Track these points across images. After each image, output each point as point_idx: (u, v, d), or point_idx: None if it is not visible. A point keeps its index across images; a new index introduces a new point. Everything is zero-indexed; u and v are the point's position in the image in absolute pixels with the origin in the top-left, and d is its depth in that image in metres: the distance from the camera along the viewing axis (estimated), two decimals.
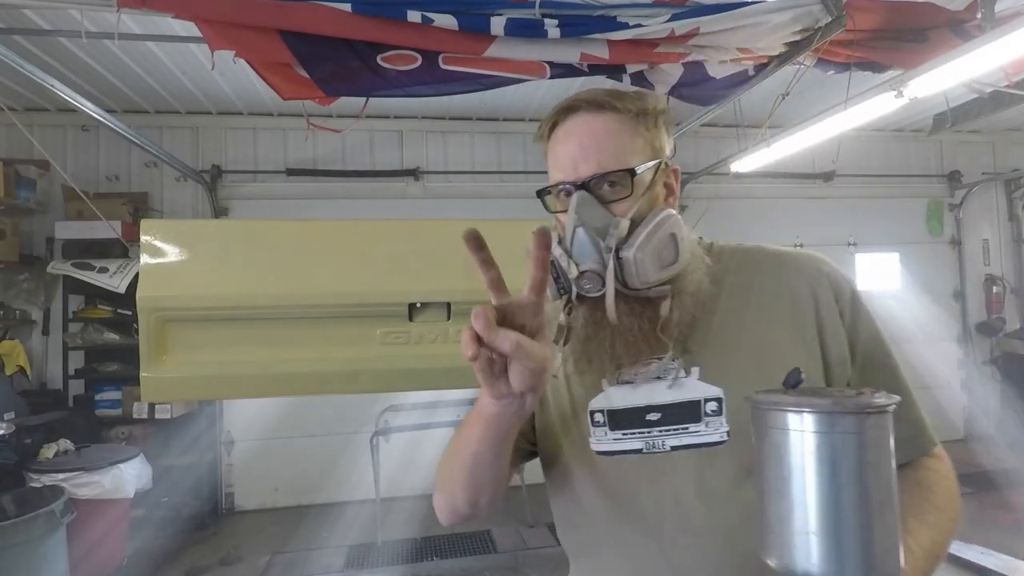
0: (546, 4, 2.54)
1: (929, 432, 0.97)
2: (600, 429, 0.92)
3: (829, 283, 0.92)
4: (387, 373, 2.06)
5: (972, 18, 2.80)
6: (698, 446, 0.87)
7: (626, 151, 0.87)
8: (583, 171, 0.87)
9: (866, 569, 0.57)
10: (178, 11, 2.35)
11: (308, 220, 2.41)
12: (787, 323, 0.90)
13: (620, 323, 0.85)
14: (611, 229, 0.84)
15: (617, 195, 0.87)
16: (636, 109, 0.90)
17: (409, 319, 2.02)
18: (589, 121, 0.89)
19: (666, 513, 0.87)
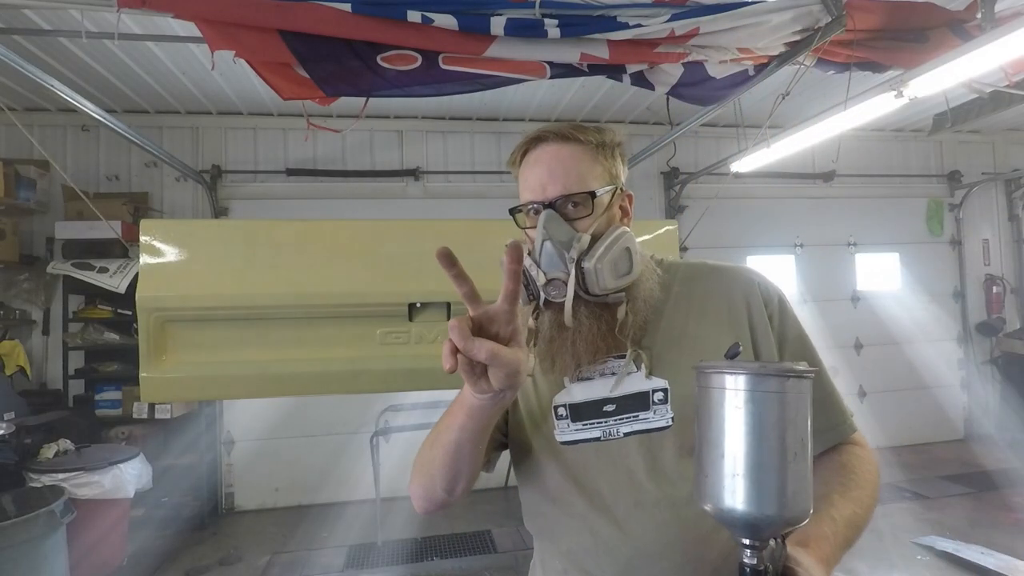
0: (546, 4, 2.54)
1: (850, 420, 1.10)
2: (563, 422, 1.05)
3: (760, 291, 1.07)
4: (387, 373, 2.06)
5: (972, 18, 2.80)
6: (647, 431, 1.00)
7: (587, 176, 1.02)
8: (551, 192, 1.00)
9: (780, 507, 0.68)
10: (178, 11, 2.35)
11: (308, 220, 2.41)
12: (724, 325, 1.04)
13: (581, 325, 0.98)
14: (574, 243, 0.97)
15: (580, 214, 1.00)
16: (596, 141, 1.05)
17: (409, 319, 2.02)
18: (556, 150, 1.03)
19: (621, 491, 0.99)
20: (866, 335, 6.54)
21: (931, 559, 3.95)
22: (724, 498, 0.70)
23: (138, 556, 4.05)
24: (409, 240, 2.13)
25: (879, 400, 6.48)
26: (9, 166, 4.54)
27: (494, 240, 2.23)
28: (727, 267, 1.14)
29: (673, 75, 2.91)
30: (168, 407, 4.58)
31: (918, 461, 5.98)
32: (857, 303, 6.63)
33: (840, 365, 6.38)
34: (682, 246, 5.80)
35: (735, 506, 0.69)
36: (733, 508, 0.69)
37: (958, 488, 5.26)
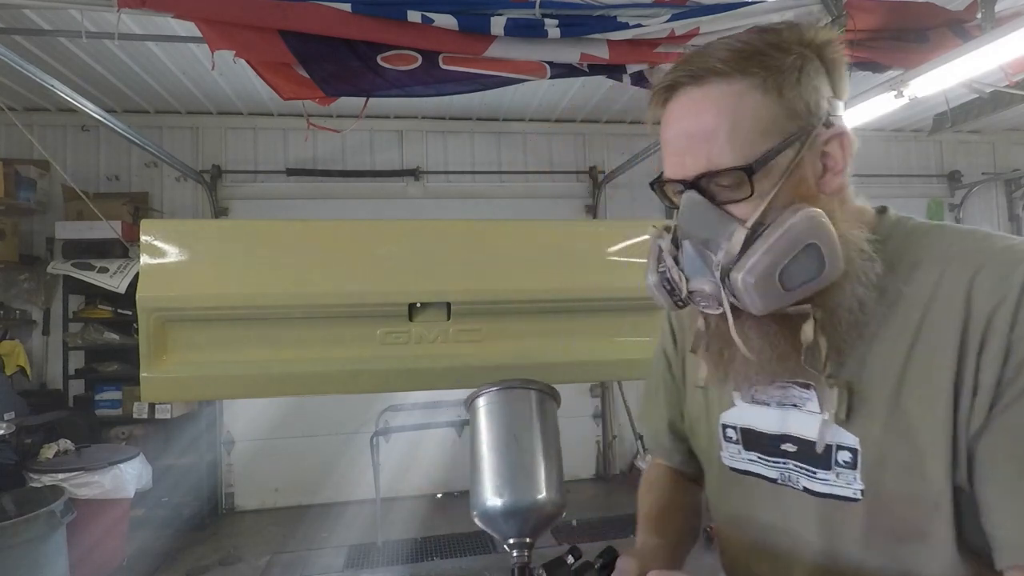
0: (546, 4, 2.54)
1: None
2: (733, 446, 0.86)
3: (1010, 316, 0.64)
4: (387, 373, 2.06)
5: (972, 18, 2.80)
6: (830, 497, 0.75)
7: (745, 137, 0.68)
8: (690, 167, 0.72)
9: (534, 494, 0.77)
10: (178, 11, 2.35)
11: (308, 220, 2.41)
12: (937, 371, 0.68)
13: (750, 345, 0.71)
14: (722, 241, 0.69)
15: (735, 195, 0.70)
16: (764, 68, 0.69)
17: (409, 319, 2.02)
18: (696, 101, 0.72)
19: (794, 558, 0.80)
20: None
21: None
22: (486, 499, 0.76)
23: (138, 556, 4.05)
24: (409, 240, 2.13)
25: None
26: (9, 166, 4.54)
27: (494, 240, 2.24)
28: (982, 248, 0.70)
29: None
30: (168, 407, 4.58)
31: None
32: None
33: None
34: None
35: (494, 502, 0.75)
36: (494, 504, 0.75)
37: None
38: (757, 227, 0.69)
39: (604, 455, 5.90)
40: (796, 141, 0.70)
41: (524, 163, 5.96)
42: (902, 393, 0.69)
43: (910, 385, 0.69)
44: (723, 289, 0.69)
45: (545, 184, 5.97)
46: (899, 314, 0.71)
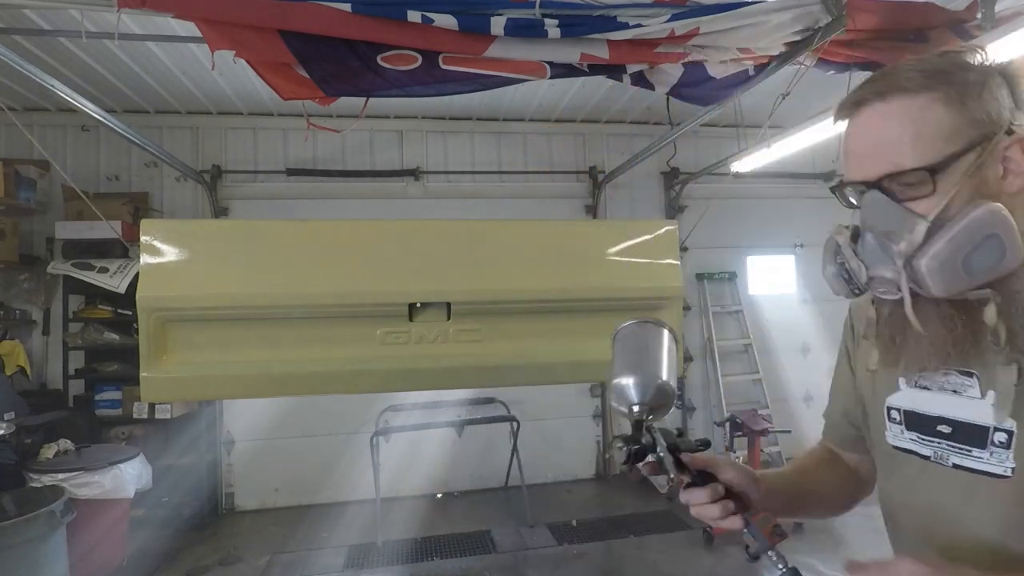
0: (546, 4, 2.54)
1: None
2: (897, 426, 0.94)
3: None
4: (387, 373, 2.06)
5: (972, 18, 2.80)
6: (980, 472, 0.81)
7: (928, 143, 0.75)
8: (872, 170, 0.79)
9: (641, 371, 0.98)
10: (178, 11, 2.35)
11: (308, 220, 2.41)
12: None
13: (928, 327, 0.78)
14: (904, 233, 0.76)
15: (916, 193, 0.77)
16: (946, 85, 0.77)
17: (409, 319, 2.02)
18: (882, 114, 0.79)
19: (934, 530, 0.87)
20: None
21: None
22: (623, 376, 0.98)
23: (138, 556, 4.05)
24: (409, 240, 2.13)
25: None
26: (9, 166, 4.54)
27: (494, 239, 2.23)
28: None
29: (673, 75, 2.91)
30: (168, 407, 4.58)
31: None
32: None
33: None
34: (682, 246, 5.80)
35: (628, 378, 0.97)
36: (627, 379, 0.97)
37: None
38: (939, 220, 0.76)
39: (604, 455, 5.91)
40: (978, 146, 0.76)
41: (524, 163, 5.96)
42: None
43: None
44: (903, 275, 0.77)
45: (545, 184, 5.97)
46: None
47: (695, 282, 6.16)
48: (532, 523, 4.71)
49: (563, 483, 5.72)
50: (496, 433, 5.23)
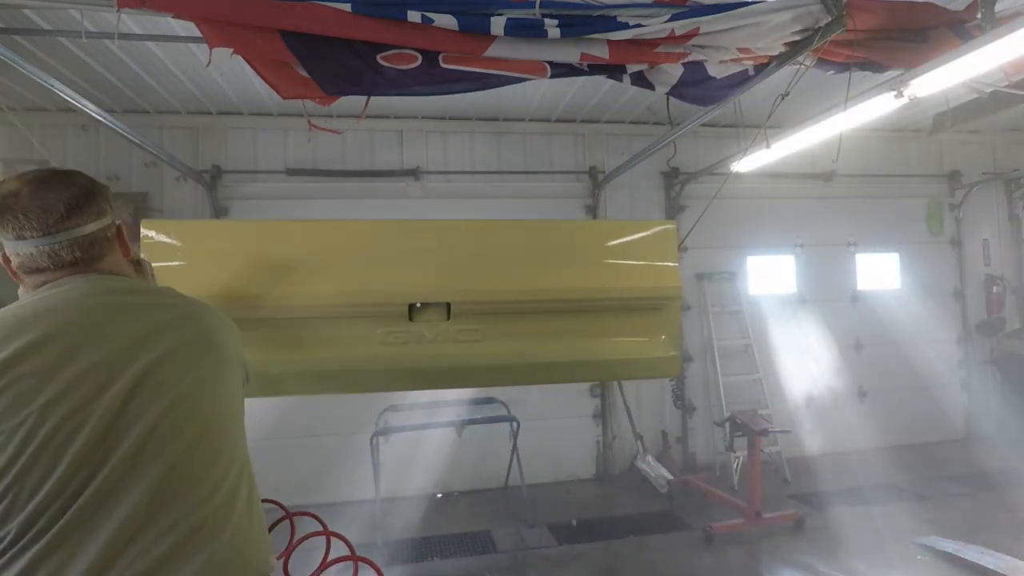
0: (546, 4, 2.54)
1: None
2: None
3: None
4: (387, 373, 2.06)
5: (972, 18, 2.80)
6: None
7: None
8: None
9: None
10: (178, 11, 2.35)
11: (308, 220, 2.41)
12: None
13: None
14: None
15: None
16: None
17: (409, 319, 2.02)
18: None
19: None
20: (866, 335, 6.54)
21: (931, 559, 3.95)
22: None
23: None
24: (409, 240, 2.13)
25: (879, 400, 6.48)
26: (9, 166, 4.54)
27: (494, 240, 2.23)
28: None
29: (673, 75, 2.90)
30: None
31: (918, 461, 5.98)
32: (857, 303, 6.62)
33: (840, 365, 6.39)
34: (682, 246, 5.80)
35: None
36: None
37: (958, 488, 5.26)
38: None
39: (604, 455, 5.90)
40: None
41: (524, 163, 5.96)
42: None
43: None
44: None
45: (545, 184, 5.97)
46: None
47: (695, 282, 6.16)
48: (532, 523, 4.71)
49: (563, 483, 5.72)
50: (496, 433, 5.23)
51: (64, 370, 1.08)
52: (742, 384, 6.06)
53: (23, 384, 1.06)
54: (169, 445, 1.11)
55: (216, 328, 1.31)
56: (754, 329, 6.22)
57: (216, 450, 1.18)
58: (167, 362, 1.16)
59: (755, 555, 4.08)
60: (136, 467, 1.07)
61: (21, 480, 1.03)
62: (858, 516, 4.68)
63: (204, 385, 1.21)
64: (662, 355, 2.15)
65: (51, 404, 1.05)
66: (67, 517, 1.03)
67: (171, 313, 1.27)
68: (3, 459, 1.02)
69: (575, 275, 2.12)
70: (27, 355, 1.08)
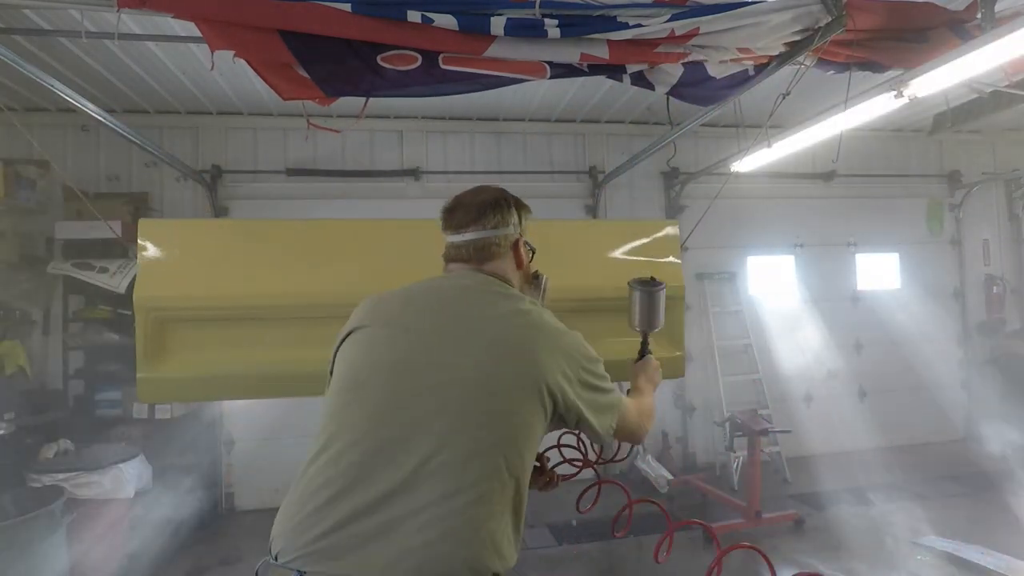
0: (546, 4, 2.54)
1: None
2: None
3: None
4: None
5: (972, 18, 2.80)
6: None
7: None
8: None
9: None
10: (178, 11, 2.35)
11: (308, 220, 2.41)
12: None
13: None
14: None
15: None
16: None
17: None
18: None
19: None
20: (866, 335, 6.54)
21: (931, 559, 3.95)
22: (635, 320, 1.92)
23: (138, 556, 4.05)
24: (409, 240, 2.13)
25: (879, 400, 6.48)
26: (9, 166, 4.54)
27: None
28: None
29: (673, 75, 2.90)
30: (168, 407, 4.58)
31: (918, 461, 5.98)
32: (857, 303, 6.62)
33: (840, 365, 6.38)
34: (682, 246, 5.79)
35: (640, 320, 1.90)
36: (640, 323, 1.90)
37: (958, 488, 5.26)
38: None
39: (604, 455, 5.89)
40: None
41: (524, 163, 5.96)
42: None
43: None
44: None
45: (545, 184, 5.97)
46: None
47: (695, 282, 6.16)
48: (532, 523, 4.71)
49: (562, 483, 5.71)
50: None
51: (405, 330, 1.35)
52: (742, 384, 6.06)
53: (378, 333, 1.37)
54: (451, 428, 1.20)
55: (533, 351, 1.31)
56: (754, 329, 6.22)
57: (483, 452, 1.19)
58: (462, 356, 1.28)
59: (755, 555, 4.07)
60: (421, 442, 1.19)
61: (359, 392, 1.30)
62: (858, 516, 4.68)
63: (482, 399, 1.24)
64: (666, 355, 2.15)
65: (384, 356, 1.33)
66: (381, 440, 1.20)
67: (495, 318, 1.35)
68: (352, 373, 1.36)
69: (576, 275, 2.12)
70: (379, 323, 1.40)
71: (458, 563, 1.09)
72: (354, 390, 1.32)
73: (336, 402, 1.35)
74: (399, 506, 1.12)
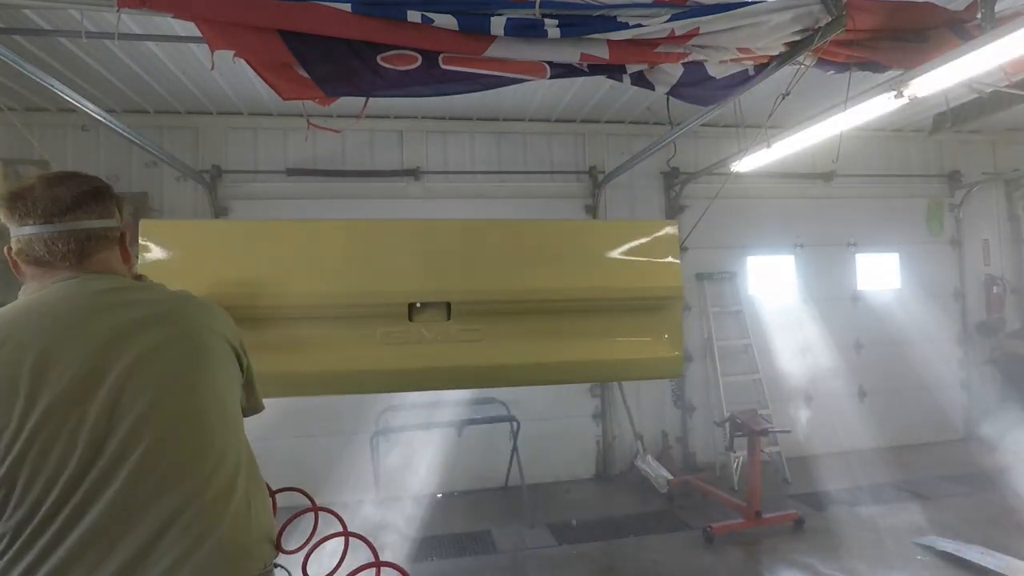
0: (546, 4, 2.54)
1: None
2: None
3: None
4: (387, 373, 2.06)
5: (972, 18, 2.80)
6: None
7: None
8: None
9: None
10: (178, 11, 2.35)
11: (308, 220, 2.41)
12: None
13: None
14: None
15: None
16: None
17: (409, 319, 2.02)
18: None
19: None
20: (866, 335, 6.54)
21: (931, 559, 3.95)
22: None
23: None
24: (409, 240, 2.13)
25: (879, 400, 6.48)
26: (9, 166, 4.54)
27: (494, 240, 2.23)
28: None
29: (673, 75, 2.90)
30: None
31: (918, 461, 5.98)
32: (857, 303, 6.62)
33: (840, 365, 6.38)
34: (682, 246, 5.79)
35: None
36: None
37: (958, 488, 5.26)
38: None
39: (604, 455, 5.90)
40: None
41: (524, 163, 5.96)
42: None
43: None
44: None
45: (545, 184, 5.97)
46: None
47: (695, 282, 6.16)
48: (532, 523, 4.71)
49: (563, 483, 5.72)
50: (496, 433, 5.23)
51: (45, 375, 1.09)
52: (742, 384, 6.06)
53: (3, 387, 1.08)
54: (153, 444, 1.12)
55: (200, 321, 1.31)
56: (754, 329, 6.22)
57: (204, 444, 1.19)
58: (145, 361, 1.17)
59: (755, 555, 4.08)
60: (120, 466, 1.09)
61: (11, 481, 1.05)
62: (858, 516, 4.68)
63: (183, 381, 1.21)
64: (665, 355, 2.15)
65: (29, 411, 1.07)
66: (60, 519, 1.05)
67: (151, 309, 1.27)
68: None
69: (576, 275, 2.12)
70: (6, 360, 1.09)
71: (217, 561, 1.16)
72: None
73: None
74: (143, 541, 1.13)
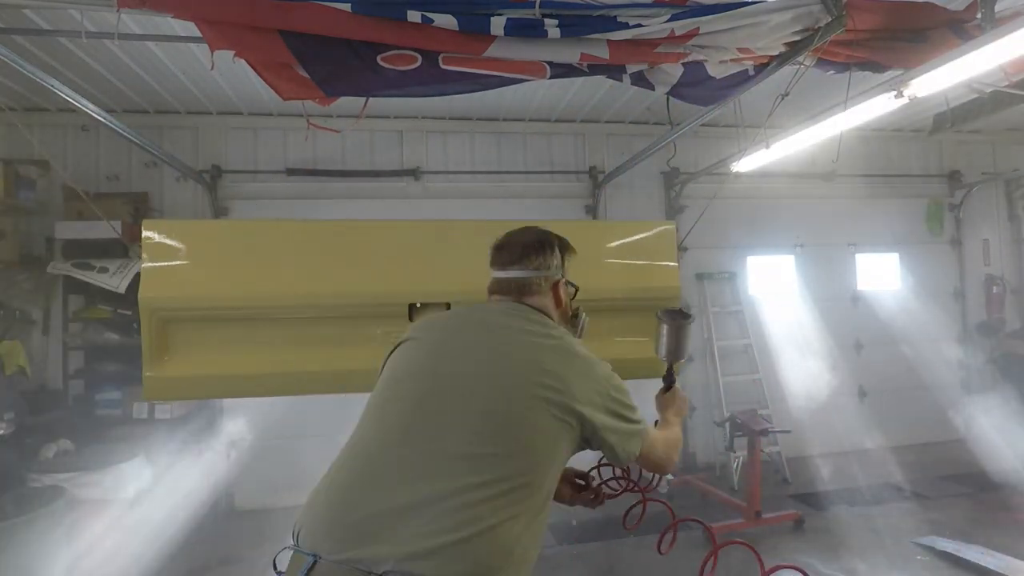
0: (546, 4, 2.53)
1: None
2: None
3: None
4: None
5: (972, 18, 2.80)
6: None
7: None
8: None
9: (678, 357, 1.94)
10: (178, 11, 2.35)
11: (308, 220, 2.41)
12: None
13: None
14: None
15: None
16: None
17: (409, 319, 2.02)
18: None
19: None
20: (866, 335, 6.54)
21: (931, 559, 3.95)
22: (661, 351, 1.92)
23: (138, 556, 4.05)
24: (409, 240, 2.13)
25: (879, 400, 6.48)
26: (9, 166, 4.54)
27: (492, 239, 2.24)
28: None
29: (673, 75, 2.90)
30: (168, 407, 4.57)
31: (918, 461, 5.98)
32: (857, 303, 6.62)
33: (840, 365, 6.38)
34: (682, 246, 5.80)
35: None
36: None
37: (958, 488, 5.26)
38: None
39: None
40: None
41: (524, 163, 5.96)
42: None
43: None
44: None
45: (545, 184, 5.97)
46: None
47: (695, 282, 6.16)
48: None
49: None
50: None
51: (438, 352, 1.47)
52: (742, 384, 6.06)
53: (415, 349, 1.49)
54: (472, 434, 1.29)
55: (562, 375, 1.38)
56: (754, 329, 6.22)
57: (500, 458, 1.26)
58: (483, 374, 1.38)
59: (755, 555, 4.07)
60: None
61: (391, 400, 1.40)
62: (858, 516, 4.68)
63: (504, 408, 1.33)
64: None
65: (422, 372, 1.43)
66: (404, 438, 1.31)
67: (527, 341, 1.45)
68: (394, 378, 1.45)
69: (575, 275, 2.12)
70: (425, 335, 1.53)
71: (464, 557, 1.13)
72: (390, 392, 1.43)
73: (373, 402, 1.45)
74: (413, 498, 1.19)
